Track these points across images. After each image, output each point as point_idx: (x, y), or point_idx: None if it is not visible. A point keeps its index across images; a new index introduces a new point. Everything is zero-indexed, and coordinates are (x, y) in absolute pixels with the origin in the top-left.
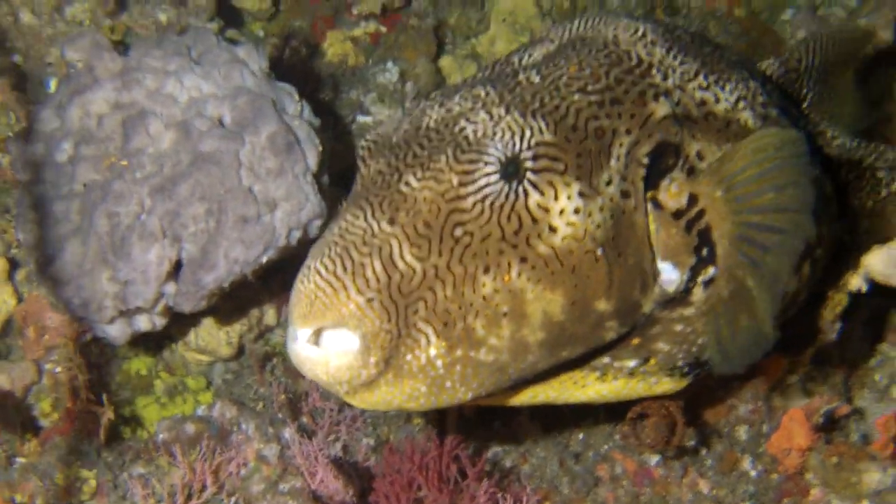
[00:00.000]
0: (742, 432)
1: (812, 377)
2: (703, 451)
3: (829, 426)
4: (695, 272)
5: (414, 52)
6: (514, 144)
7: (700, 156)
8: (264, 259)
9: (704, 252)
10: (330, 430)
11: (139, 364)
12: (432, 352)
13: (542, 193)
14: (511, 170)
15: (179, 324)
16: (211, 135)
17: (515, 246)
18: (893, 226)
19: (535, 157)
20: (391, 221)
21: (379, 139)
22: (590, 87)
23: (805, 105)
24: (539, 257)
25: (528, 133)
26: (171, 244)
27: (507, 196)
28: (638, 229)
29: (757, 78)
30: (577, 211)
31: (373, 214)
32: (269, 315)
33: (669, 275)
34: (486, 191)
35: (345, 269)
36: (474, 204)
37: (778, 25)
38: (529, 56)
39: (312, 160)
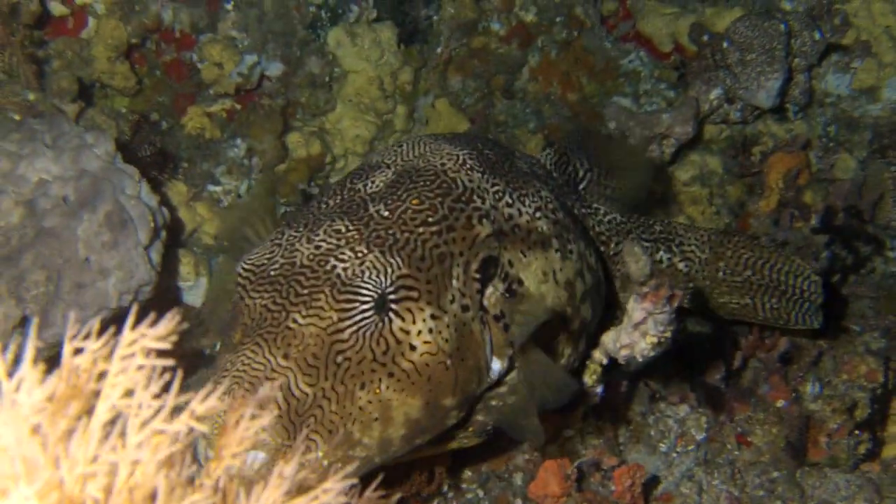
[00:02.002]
0: (518, 478)
1: (589, 431)
2: (481, 493)
3: (591, 475)
4: (511, 361)
5: (261, 129)
6: (380, 282)
7: (511, 263)
8: (97, 319)
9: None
10: None
11: None
12: (319, 455)
13: (402, 319)
14: (380, 303)
15: None
16: (53, 213)
17: (384, 364)
18: None
19: (395, 290)
20: (285, 356)
21: (255, 269)
22: (430, 220)
23: (582, 186)
24: (403, 371)
25: (389, 270)
26: (17, 305)
27: (376, 324)
28: (476, 335)
29: (547, 184)
30: (430, 331)
31: (270, 351)
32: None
33: (495, 366)
34: (362, 323)
35: (249, 400)
36: (351, 335)
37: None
38: (372, 183)
39: (144, 235)
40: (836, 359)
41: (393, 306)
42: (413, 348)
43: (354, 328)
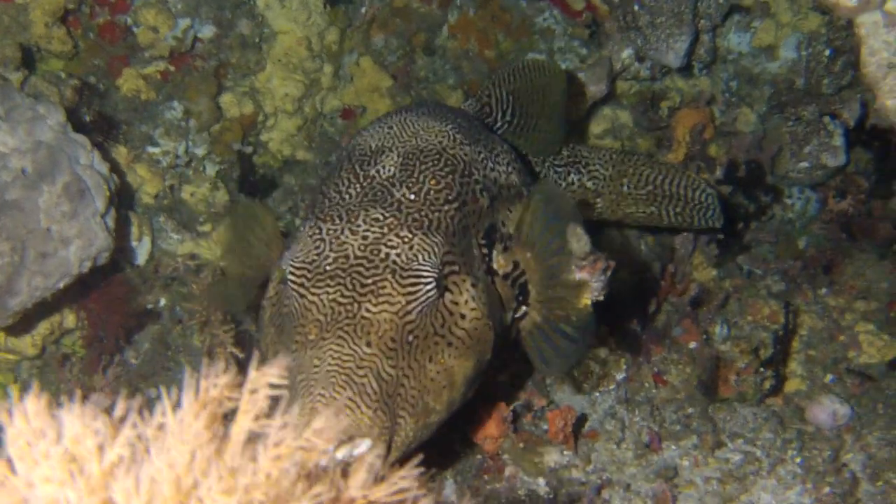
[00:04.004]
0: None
1: (518, 376)
2: None
3: (524, 416)
4: (515, 312)
5: (196, 92)
6: (434, 262)
7: (503, 223)
8: (61, 285)
9: (520, 298)
10: None
11: None
12: (409, 430)
13: (451, 292)
14: (439, 281)
15: None
16: (14, 185)
17: (443, 336)
18: None
19: (443, 265)
20: (368, 344)
21: (308, 266)
22: (450, 197)
23: (500, 132)
24: (458, 339)
25: (435, 248)
26: None
27: (434, 301)
28: (494, 294)
29: (500, 140)
30: (473, 298)
31: (354, 342)
32: (69, 320)
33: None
34: (425, 302)
35: (353, 391)
36: (417, 314)
37: None
38: (384, 168)
39: (101, 203)
40: (742, 301)
41: (443, 281)
42: (463, 317)
43: (420, 308)
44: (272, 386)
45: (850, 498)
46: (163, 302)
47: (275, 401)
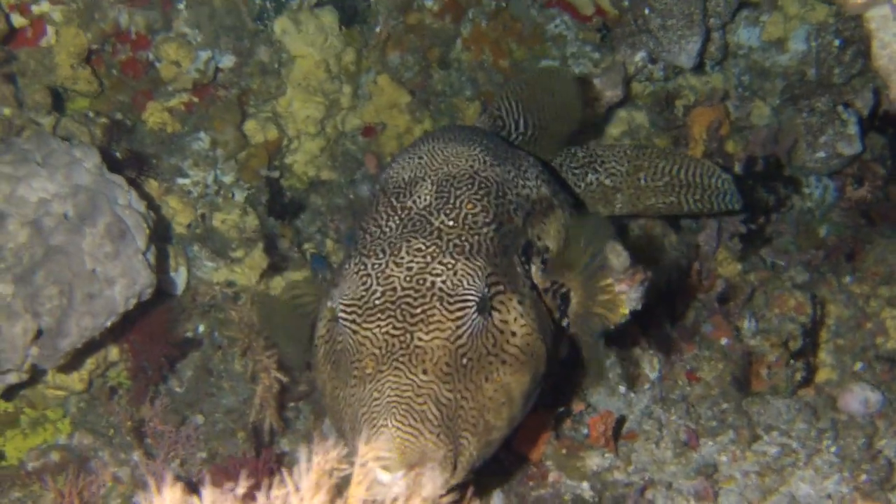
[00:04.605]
0: None
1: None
2: None
3: (564, 422)
4: (560, 322)
5: (222, 122)
6: (477, 285)
7: (539, 237)
8: (108, 324)
9: (563, 308)
10: (170, 448)
11: (5, 405)
12: (472, 449)
13: (499, 312)
14: (483, 303)
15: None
16: (58, 230)
17: (497, 355)
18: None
19: (488, 287)
20: (424, 371)
21: (358, 303)
22: (487, 220)
23: (516, 143)
24: (512, 356)
25: (478, 272)
26: (33, 319)
27: (482, 322)
28: (542, 308)
29: (524, 154)
30: (522, 315)
31: (410, 371)
32: (113, 353)
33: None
34: (474, 324)
35: (414, 419)
36: (468, 337)
37: None
38: (420, 198)
39: (141, 242)
40: (768, 294)
41: (490, 302)
42: (514, 334)
43: (470, 330)
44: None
45: (888, 484)
46: (202, 329)
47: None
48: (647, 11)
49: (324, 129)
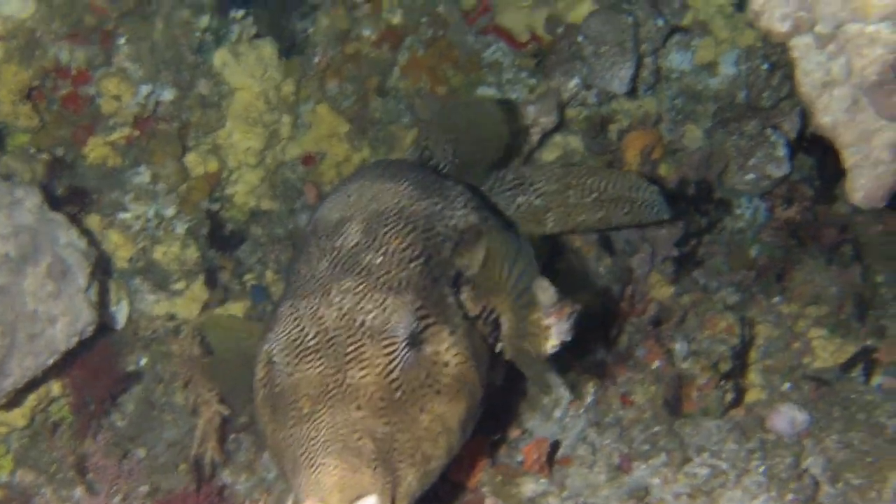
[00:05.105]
0: None
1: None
2: None
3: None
4: (493, 349)
5: (162, 155)
6: (406, 319)
7: (468, 266)
8: (50, 362)
9: (495, 334)
10: (112, 483)
11: None
12: (411, 479)
13: (431, 344)
14: (413, 337)
15: None
16: (0, 270)
17: (431, 386)
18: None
19: (418, 321)
20: (359, 408)
21: (290, 346)
22: (416, 254)
23: (445, 171)
24: (446, 386)
25: (407, 307)
26: None
27: (414, 355)
28: (476, 337)
29: (452, 183)
30: (453, 345)
31: (345, 409)
32: (55, 388)
33: None
34: (406, 358)
35: (351, 455)
36: (400, 371)
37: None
38: (349, 237)
39: (83, 280)
40: (699, 316)
41: (420, 335)
42: (447, 364)
43: (401, 365)
44: None
45: (812, 502)
46: (143, 362)
47: None
48: (580, 39)
49: (264, 159)
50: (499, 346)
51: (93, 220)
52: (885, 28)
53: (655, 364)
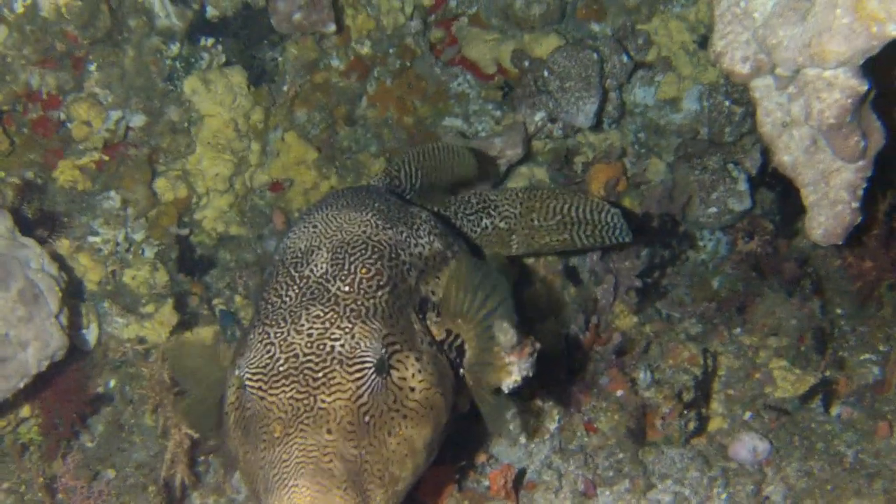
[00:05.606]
0: None
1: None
2: None
3: (467, 474)
4: (457, 375)
5: (132, 180)
6: (374, 346)
7: (433, 292)
8: (21, 385)
9: (459, 360)
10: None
11: None
12: (379, 499)
13: (398, 370)
14: (380, 363)
15: None
16: None
17: (398, 410)
18: None
19: (385, 348)
20: (329, 431)
21: (263, 370)
22: (382, 283)
23: (409, 197)
24: (412, 410)
25: (375, 334)
26: None
27: (382, 381)
28: (442, 362)
29: (417, 211)
30: (420, 371)
31: (315, 432)
32: (24, 410)
33: None
34: (373, 384)
35: (322, 476)
36: (368, 396)
37: (439, 129)
38: (316, 266)
39: (54, 304)
40: (662, 346)
41: (388, 361)
42: (413, 389)
43: (370, 390)
44: None
45: None
46: (112, 384)
47: None
48: (546, 73)
49: (232, 185)
50: (461, 372)
51: (63, 244)
52: (842, 73)
53: (619, 392)
